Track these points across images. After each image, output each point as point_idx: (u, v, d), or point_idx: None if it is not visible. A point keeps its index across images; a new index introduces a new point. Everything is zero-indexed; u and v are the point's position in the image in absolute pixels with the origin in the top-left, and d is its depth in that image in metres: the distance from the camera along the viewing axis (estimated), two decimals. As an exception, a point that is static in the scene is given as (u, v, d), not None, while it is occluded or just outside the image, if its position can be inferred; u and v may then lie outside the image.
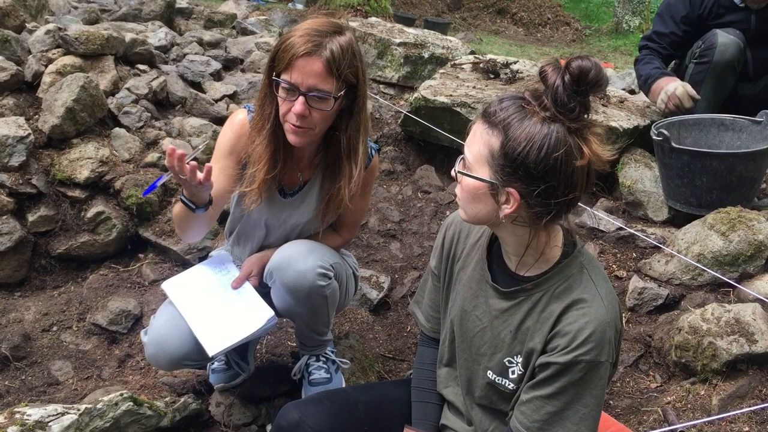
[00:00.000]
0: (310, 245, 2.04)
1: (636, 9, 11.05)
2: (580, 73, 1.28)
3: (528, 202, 1.36)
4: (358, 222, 2.25)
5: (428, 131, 3.81)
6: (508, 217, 1.39)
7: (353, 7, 7.86)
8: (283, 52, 1.80)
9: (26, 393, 2.51)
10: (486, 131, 1.38)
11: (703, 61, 3.37)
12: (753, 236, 2.63)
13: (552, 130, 1.31)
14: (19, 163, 2.99)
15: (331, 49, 1.79)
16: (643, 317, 2.73)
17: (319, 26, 1.82)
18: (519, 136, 1.32)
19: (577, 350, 1.38)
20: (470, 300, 1.61)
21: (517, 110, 1.35)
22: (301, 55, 1.77)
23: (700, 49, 3.39)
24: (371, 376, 2.56)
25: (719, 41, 3.29)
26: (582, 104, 1.32)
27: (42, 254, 3.08)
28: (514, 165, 1.34)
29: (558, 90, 1.30)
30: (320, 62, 1.78)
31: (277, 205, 2.10)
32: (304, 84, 1.80)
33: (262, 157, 1.94)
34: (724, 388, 2.28)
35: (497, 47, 9.08)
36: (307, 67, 1.78)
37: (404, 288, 3.09)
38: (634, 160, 3.42)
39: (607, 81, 1.32)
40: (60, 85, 3.20)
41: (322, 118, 1.87)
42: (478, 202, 1.43)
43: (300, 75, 1.79)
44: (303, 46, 1.77)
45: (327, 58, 1.78)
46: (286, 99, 1.84)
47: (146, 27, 4.62)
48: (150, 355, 2.08)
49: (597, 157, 1.34)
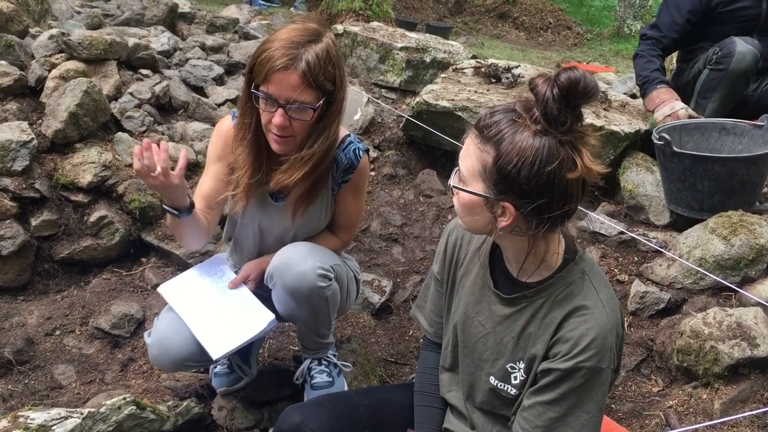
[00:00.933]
0: (309, 247, 2.04)
1: (637, 13, 11.06)
2: (569, 86, 1.27)
3: (524, 214, 1.36)
4: (354, 224, 2.25)
5: (430, 135, 3.82)
6: (506, 228, 1.40)
7: (355, 11, 7.86)
8: (260, 65, 1.80)
9: (29, 397, 2.51)
10: (478, 146, 1.37)
11: (718, 68, 3.34)
12: (754, 240, 2.63)
13: (543, 144, 1.30)
14: (22, 168, 3.00)
15: (307, 60, 1.79)
16: (644, 321, 2.73)
17: (295, 36, 1.82)
18: (511, 151, 1.31)
19: (578, 357, 1.38)
20: (473, 306, 1.62)
21: (508, 124, 1.33)
22: (277, 69, 1.77)
23: (717, 56, 3.35)
24: (373, 380, 2.56)
25: (737, 50, 3.26)
26: (573, 116, 1.31)
27: (45, 258, 3.10)
28: (507, 180, 1.33)
29: (548, 103, 1.28)
30: (296, 75, 1.79)
31: (268, 209, 2.11)
32: (283, 96, 1.81)
33: (244, 163, 1.97)
34: (726, 392, 2.28)
35: (499, 51, 9.09)
36: (284, 80, 1.79)
37: (406, 292, 3.09)
38: (635, 164, 3.43)
39: (597, 90, 1.30)
40: (63, 89, 3.22)
41: (303, 127, 1.89)
42: (474, 215, 1.43)
43: (278, 88, 1.80)
44: (279, 60, 1.77)
45: (303, 70, 1.79)
46: (266, 110, 1.85)
47: (149, 32, 4.64)
48: (153, 356, 2.09)
49: (589, 170, 1.33)
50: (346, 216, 2.19)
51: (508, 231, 1.41)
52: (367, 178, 2.18)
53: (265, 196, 2.08)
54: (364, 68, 4.95)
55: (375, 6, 8.00)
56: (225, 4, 8.34)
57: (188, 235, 2.04)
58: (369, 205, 3.59)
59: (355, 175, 2.09)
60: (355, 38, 5.04)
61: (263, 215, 2.12)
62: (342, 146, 2.06)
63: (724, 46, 3.32)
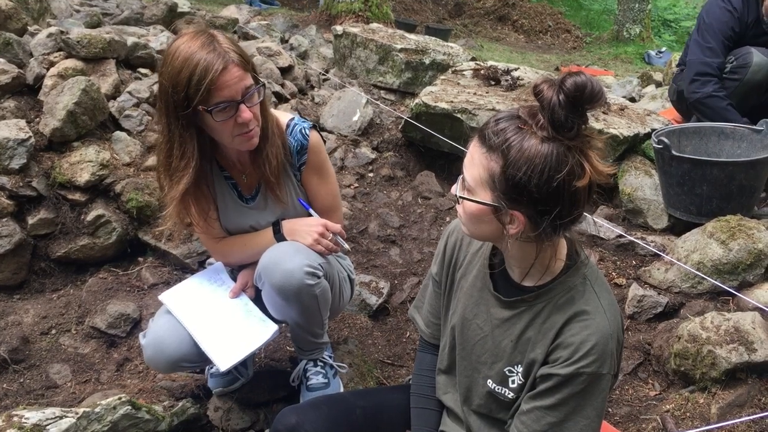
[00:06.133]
0: (297, 246, 2.03)
1: (636, 17, 11.09)
2: (575, 91, 1.24)
3: (533, 221, 1.35)
4: (333, 206, 2.22)
5: (429, 137, 3.81)
6: (514, 235, 1.38)
7: (354, 12, 7.88)
8: (196, 84, 1.75)
9: (24, 396, 2.50)
10: (484, 155, 1.35)
11: (733, 77, 3.34)
12: (753, 245, 2.63)
13: (552, 150, 1.28)
14: (19, 166, 2.99)
15: (231, 50, 1.79)
16: (642, 325, 2.73)
17: (200, 44, 1.78)
18: (519, 159, 1.29)
19: (579, 362, 1.38)
20: (471, 308, 1.61)
21: (514, 132, 1.31)
22: (219, 74, 1.75)
23: (732, 65, 3.34)
24: (370, 381, 2.56)
25: (754, 61, 3.26)
26: (580, 121, 1.29)
27: (41, 257, 3.08)
28: (516, 189, 1.31)
29: (555, 109, 1.26)
30: (235, 67, 1.78)
31: (243, 214, 2.12)
32: (238, 93, 1.80)
33: (185, 202, 1.95)
34: (723, 396, 2.27)
35: (498, 54, 9.10)
36: (229, 79, 1.77)
37: (404, 294, 3.08)
38: (634, 168, 3.43)
39: (603, 94, 1.28)
40: (61, 88, 3.21)
41: (259, 111, 1.90)
42: (481, 223, 1.41)
43: (229, 89, 1.78)
44: (215, 66, 1.75)
45: (237, 60, 1.79)
46: (223, 119, 1.82)
47: (148, 31, 4.64)
48: (148, 357, 2.08)
49: (598, 172, 1.31)
50: (320, 200, 2.17)
51: (515, 237, 1.39)
52: (326, 156, 2.15)
53: (236, 203, 2.10)
54: (363, 69, 4.95)
55: (374, 8, 8.01)
56: (224, 4, 8.34)
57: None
58: (367, 207, 3.58)
59: (310, 154, 2.07)
60: (355, 39, 5.04)
61: (239, 221, 2.13)
62: (288, 130, 2.06)
63: (740, 55, 3.31)
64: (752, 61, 3.26)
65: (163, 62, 1.81)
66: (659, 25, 12.88)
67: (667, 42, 11.74)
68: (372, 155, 3.99)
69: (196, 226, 2.07)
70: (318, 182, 2.14)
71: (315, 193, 2.16)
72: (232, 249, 2.16)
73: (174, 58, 1.77)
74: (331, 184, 2.20)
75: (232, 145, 1.91)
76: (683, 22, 12.92)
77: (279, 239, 2.07)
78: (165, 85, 1.79)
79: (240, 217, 2.11)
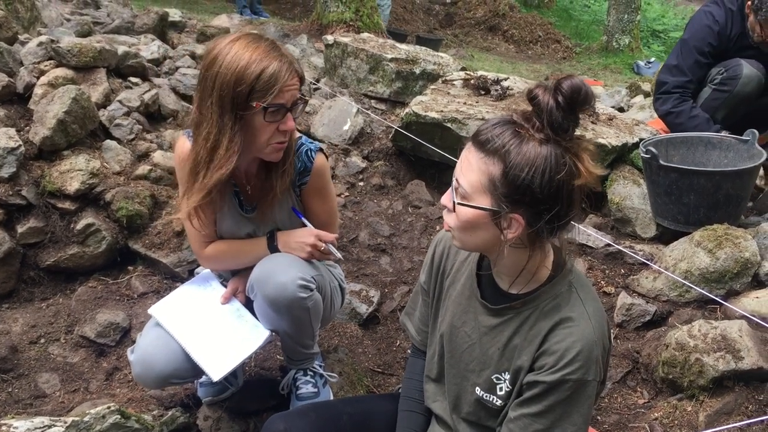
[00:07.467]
0: (290, 258, 2.03)
1: (626, 28, 11.17)
2: (572, 93, 1.29)
3: (532, 224, 1.36)
4: (331, 222, 2.21)
5: (419, 146, 3.83)
6: (511, 240, 1.39)
7: (345, 22, 7.89)
8: (266, 84, 1.77)
9: (13, 405, 2.49)
10: (483, 160, 1.36)
11: (723, 89, 3.35)
12: (739, 254, 2.65)
13: (550, 152, 1.31)
14: (9, 175, 2.98)
15: (292, 60, 1.84)
16: (630, 333, 2.74)
17: (266, 46, 1.82)
18: (520, 161, 1.31)
19: (564, 369, 1.39)
20: (459, 316, 1.62)
21: (512, 136, 1.34)
22: (287, 78, 1.80)
23: (722, 77, 3.36)
24: (360, 390, 2.56)
25: (744, 73, 3.27)
26: (575, 123, 1.33)
27: (30, 266, 3.07)
28: (519, 191, 1.33)
29: (552, 111, 1.30)
30: (296, 77, 1.84)
31: (240, 223, 2.11)
32: (290, 101, 1.84)
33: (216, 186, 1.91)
34: (710, 404, 2.29)
35: (488, 64, 9.15)
36: (291, 85, 1.82)
37: (394, 302, 3.09)
38: (622, 177, 3.45)
39: (594, 96, 1.33)
40: (52, 96, 3.21)
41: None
42: (478, 230, 1.41)
43: (288, 95, 1.82)
44: (286, 69, 1.80)
45: (300, 72, 1.85)
46: (274, 121, 1.84)
47: (139, 40, 4.64)
48: (137, 374, 2.07)
49: (590, 174, 1.34)
50: (318, 218, 2.16)
51: (508, 244, 1.40)
52: (328, 178, 2.15)
53: (236, 211, 2.09)
54: (354, 79, 4.97)
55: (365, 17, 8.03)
56: (215, 14, 8.36)
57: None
58: (357, 216, 3.59)
59: (313, 177, 2.07)
60: (346, 49, 5.05)
61: (236, 229, 2.12)
62: (295, 149, 2.05)
63: (729, 67, 3.33)
64: (742, 73, 3.28)
65: (215, 57, 1.80)
66: (648, 36, 12.99)
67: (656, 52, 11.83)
68: (362, 164, 4.00)
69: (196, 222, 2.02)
70: (319, 202, 2.14)
71: (313, 210, 2.15)
72: (225, 255, 2.15)
73: (236, 55, 1.78)
74: (329, 203, 2.20)
75: (261, 151, 1.90)
76: (672, 32, 13.02)
77: (273, 250, 2.07)
78: (227, 78, 1.77)
79: (236, 225, 2.11)
